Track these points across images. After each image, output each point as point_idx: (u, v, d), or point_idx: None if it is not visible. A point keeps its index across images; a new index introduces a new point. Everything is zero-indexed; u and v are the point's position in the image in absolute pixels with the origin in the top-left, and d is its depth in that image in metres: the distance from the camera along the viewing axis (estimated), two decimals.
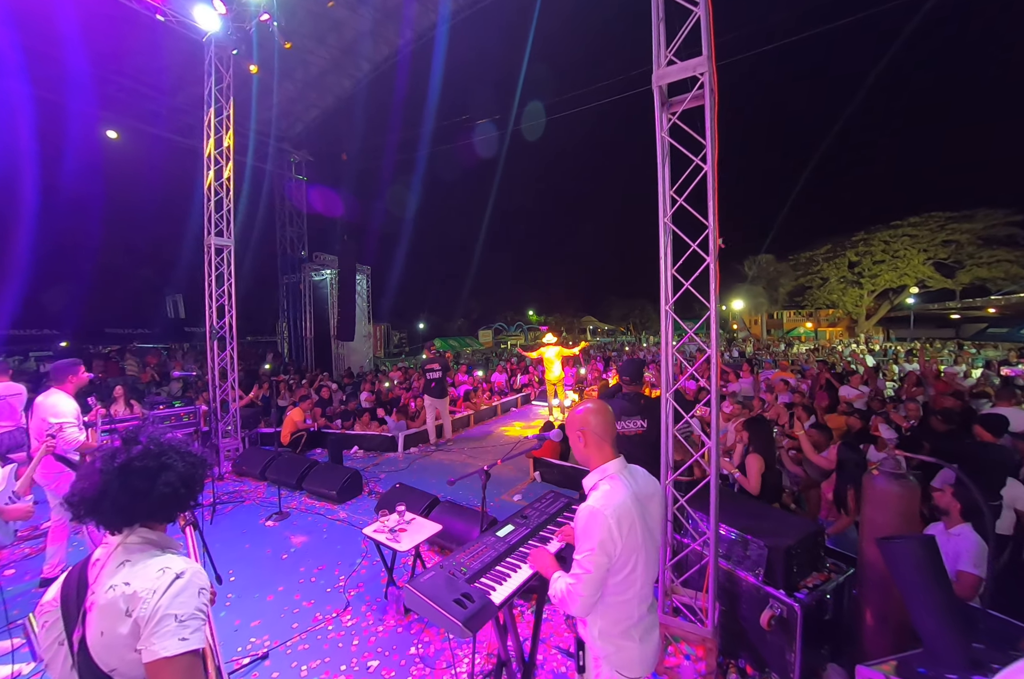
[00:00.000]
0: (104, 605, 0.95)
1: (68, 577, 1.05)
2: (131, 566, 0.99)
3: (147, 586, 0.94)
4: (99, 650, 0.94)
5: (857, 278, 29.09)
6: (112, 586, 0.96)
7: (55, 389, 3.34)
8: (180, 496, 1.09)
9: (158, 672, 0.89)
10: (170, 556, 1.03)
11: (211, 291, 5.96)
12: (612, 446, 1.45)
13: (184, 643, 0.91)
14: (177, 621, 0.92)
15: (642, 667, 1.40)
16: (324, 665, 2.50)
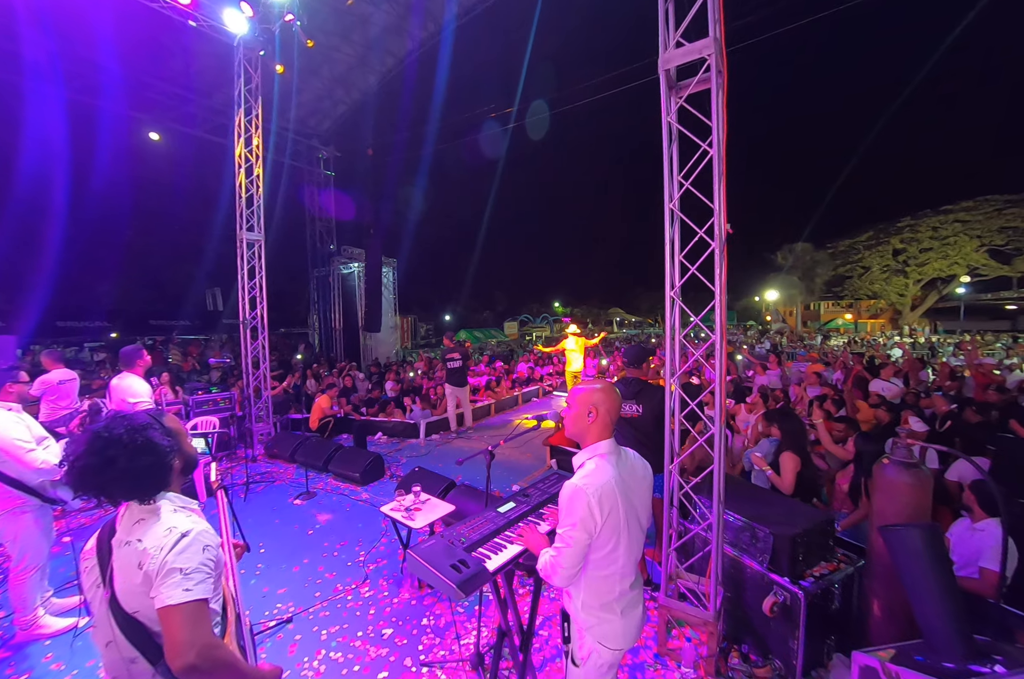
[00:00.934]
0: (121, 557, 1.09)
1: (103, 529, 1.19)
2: (145, 524, 1.11)
3: (155, 544, 1.06)
4: (123, 594, 1.07)
5: (902, 266, 27.48)
6: (127, 541, 1.09)
7: (127, 373, 3.66)
8: (146, 468, 1.11)
9: (167, 618, 1.01)
10: (180, 516, 1.15)
11: (243, 283, 6.26)
12: (611, 427, 1.49)
13: (188, 593, 1.02)
14: (182, 574, 1.03)
15: (624, 639, 1.45)
16: (342, 630, 2.67)
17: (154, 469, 1.14)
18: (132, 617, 1.06)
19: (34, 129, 12.87)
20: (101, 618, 1.12)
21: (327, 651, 2.51)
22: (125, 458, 1.08)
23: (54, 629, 2.70)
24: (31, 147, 13.84)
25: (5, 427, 2.40)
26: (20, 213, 15.38)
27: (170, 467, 1.18)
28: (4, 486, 2.43)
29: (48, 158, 14.44)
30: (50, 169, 15.01)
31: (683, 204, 2.44)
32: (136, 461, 1.09)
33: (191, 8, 5.52)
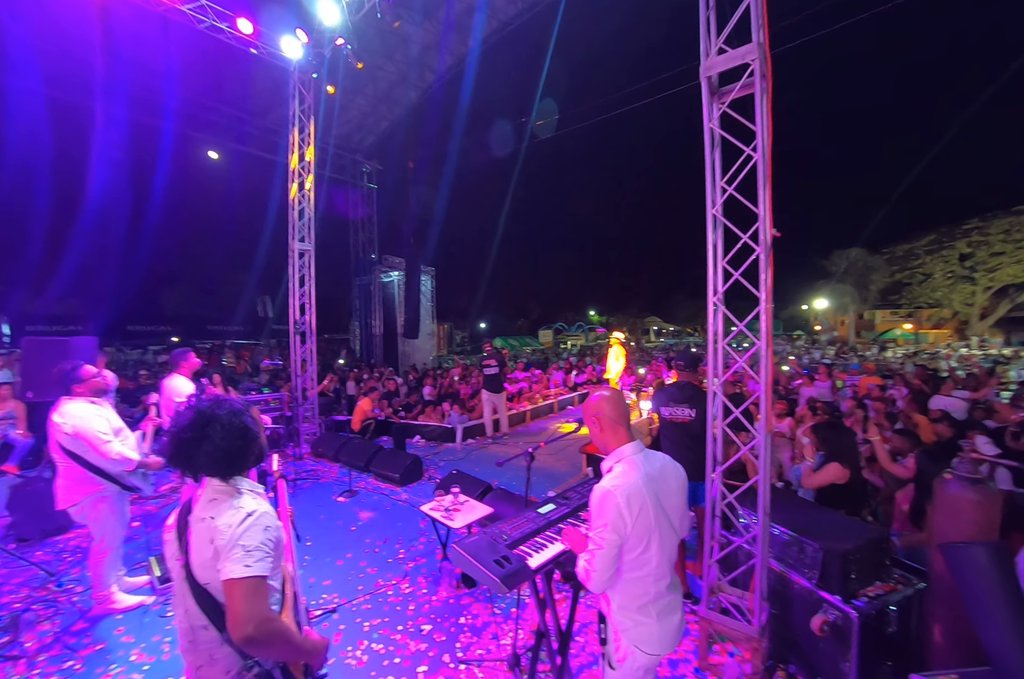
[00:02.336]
0: (197, 533, 1.20)
1: (183, 506, 1.32)
2: (218, 503, 1.22)
3: (225, 521, 1.17)
4: (197, 567, 1.18)
5: (969, 272, 25.46)
6: (203, 518, 1.20)
7: (175, 374, 3.97)
8: (231, 451, 1.23)
9: (230, 590, 1.11)
10: (247, 498, 1.26)
11: (294, 291, 6.63)
12: (627, 430, 1.52)
13: (248, 569, 1.11)
14: (244, 551, 1.13)
15: (660, 645, 1.45)
16: (383, 624, 2.77)
17: (241, 451, 1.26)
18: (204, 588, 1.17)
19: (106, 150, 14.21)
20: (179, 587, 1.24)
21: (369, 642, 2.61)
22: (220, 436, 1.21)
23: (126, 605, 2.94)
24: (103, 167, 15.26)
25: (88, 420, 2.67)
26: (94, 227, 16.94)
27: (253, 452, 1.30)
28: (88, 473, 2.69)
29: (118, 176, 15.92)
30: (120, 186, 16.53)
31: (725, 209, 2.43)
32: (228, 441, 1.22)
33: (253, 37, 6.01)
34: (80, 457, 2.64)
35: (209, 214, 22.23)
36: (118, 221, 17.59)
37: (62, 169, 15.58)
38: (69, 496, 2.69)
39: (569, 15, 13.60)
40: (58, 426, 2.62)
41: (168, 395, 3.82)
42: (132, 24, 6.79)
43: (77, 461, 2.64)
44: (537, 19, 10.11)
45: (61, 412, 2.66)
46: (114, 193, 16.44)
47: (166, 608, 2.97)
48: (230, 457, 1.24)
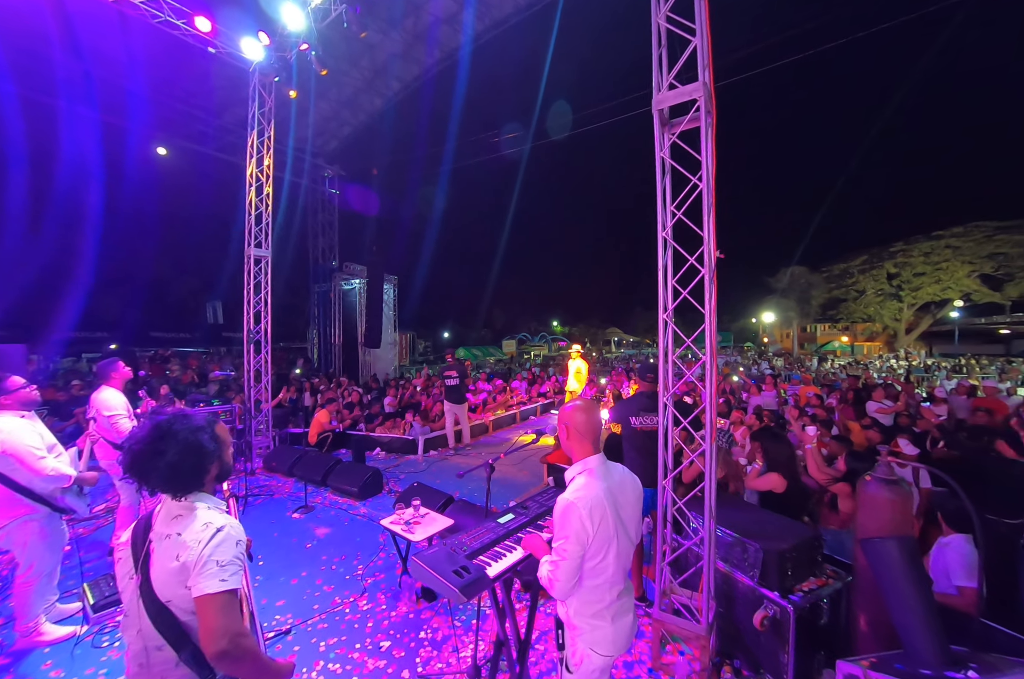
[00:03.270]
0: (160, 549, 1.17)
1: (138, 523, 1.28)
2: (182, 520, 1.20)
3: (194, 537, 1.15)
4: (158, 584, 1.15)
5: (896, 290, 27.97)
6: (167, 535, 1.18)
7: (104, 386, 3.70)
8: (182, 468, 1.20)
9: (204, 606, 1.10)
10: (214, 513, 1.24)
11: (249, 298, 6.40)
12: (593, 443, 1.58)
13: (224, 583, 1.11)
14: (218, 566, 1.12)
15: (614, 646, 1.52)
16: (341, 643, 2.70)
17: (194, 469, 1.23)
18: (164, 606, 1.14)
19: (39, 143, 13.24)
20: (132, 607, 1.20)
21: (325, 662, 2.53)
22: (174, 452, 1.19)
23: (54, 636, 2.72)
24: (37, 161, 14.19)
25: (18, 434, 2.48)
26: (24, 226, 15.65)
27: (207, 470, 1.27)
28: (14, 494, 2.49)
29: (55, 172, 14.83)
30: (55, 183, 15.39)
31: (675, 231, 2.61)
32: (181, 457, 1.20)
33: (211, 36, 5.85)
34: (5, 477, 2.44)
35: (157, 214, 21.02)
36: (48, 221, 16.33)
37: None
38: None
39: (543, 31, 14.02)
40: None
41: (98, 409, 3.55)
42: (82, 13, 6.44)
43: (1, 481, 2.44)
44: (508, 34, 10.35)
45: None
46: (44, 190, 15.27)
47: (100, 638, 2.77)
48: (183, 474, 1.22)
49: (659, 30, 2.63)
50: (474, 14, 10.02)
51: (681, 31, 2.53)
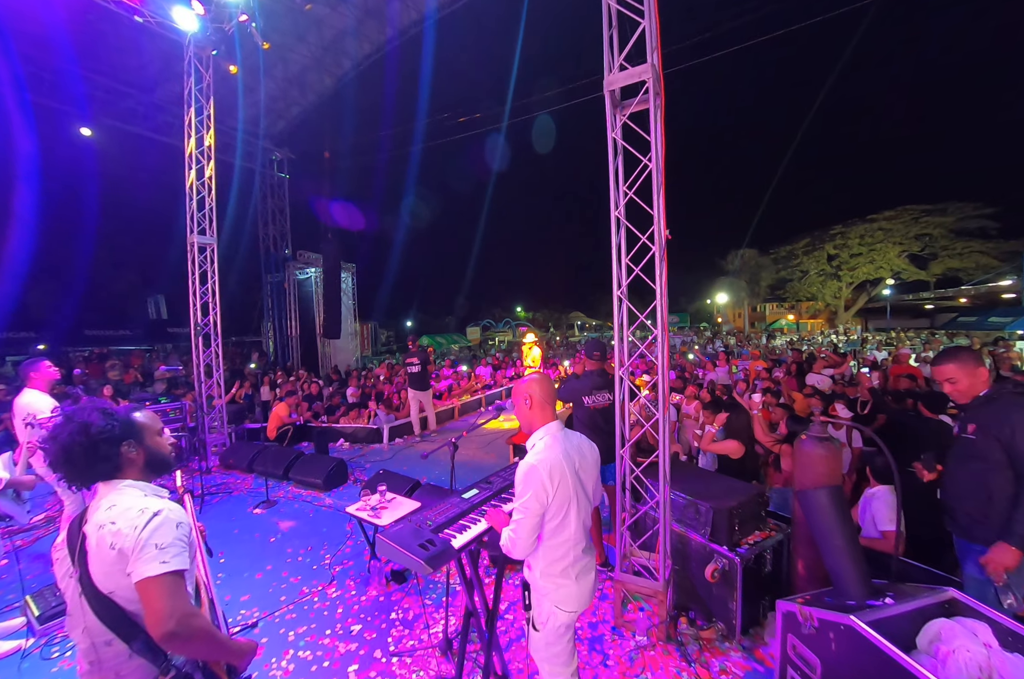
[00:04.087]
0: (96, 541, 1.12)
1: (72, 522, 1.22)
2: (116, 509, 1.15)
3: (129, 523, 1.11)
4: (98, 576, 1.11)
5: (835, 271, 29.88)
6: (101, 525, 1.13)
7: (27, 388, 3.42)
8: (100, 449, 1.18)
9: (146, 589, 1.07)
10: (151, 499, 1.20)
11: (195, 289, 6.04)
12: (551, 411, 1.68)
13: (165, 565, 1.08)
14: (158, 548, 1.09)
15: (578, 602, 1.62)
16: (310, 630, 2.69)
17: (93, 452, 1.17)
18: (107, 598, 1.11)
19: None
20: (74, 605, 1.15)
21: (295, 651, 2.53)
22: (64, 434, 1.17)
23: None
24: None
25: None
26: None
27: (116, 454, 1.21)
28: None
29: None
30: None
31: (628, 211, 2.67)
32: (71, 438, 1.16)
33: (137, 3, 5.33)
34: None
35: (87, 201, 19.22)
36: None
37: None
38: None
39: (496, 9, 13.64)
40: None
41: (20, 415, 3.21)
42: None
43: None
44: (463, 12, 10.03)
45: None
46: None
47: (49, 650, 2.64)
48: (80, 458, 1.17)
49: (609, 11, 2.64)
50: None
51: (631, 13, 2.55)
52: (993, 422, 1.90)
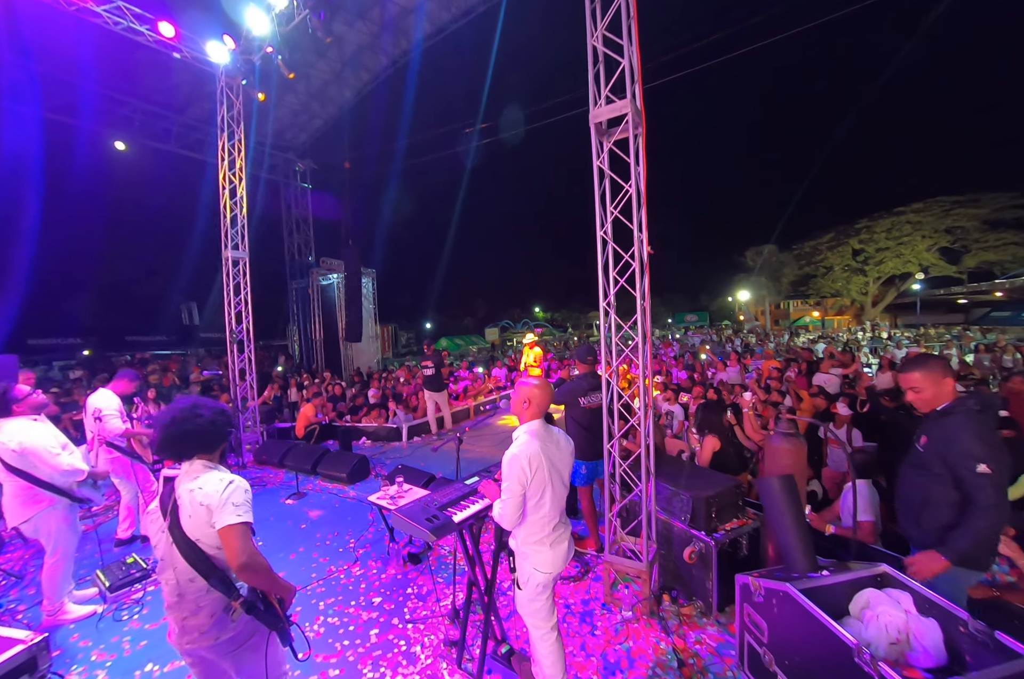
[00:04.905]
0: (188, 500, 1.52)
1: (163, 491, 1.62)
2: (201, 478, 1.56)
3: (214, 488, 1.52)
4: (188, 527, 1.51)
5: (861, 266, 29.11)
6: (191, 489, 1.53)
7: (102, 388, 3.98)
8: (211, 433, 1.61)
9: (226, 534, 1.46)
10: (225, 473, 1.61)
11: (229, 299, 6.59)
12: (541, 413, 2.01)
13: (239, 517, 1.49)
14: (234, 505, 1.50)
15: (553, 565, 1.94)
16: (337, 601, 3.09)
17: (220, 432, 1.64)
18: (194, 543, 1.50)
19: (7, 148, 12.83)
20: (165, 552, 1.55)
21: (325, 617, 2.93)
22: (208, 414, 1.60)
23: (77, 615, 3.03)
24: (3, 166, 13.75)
25: (35, 436, 2.76)
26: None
27: (226, 438, 1.68)
28: (37, 488, 2.78)
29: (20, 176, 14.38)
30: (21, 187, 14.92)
31: (617, 226, 2.96)
32: (214, 416, 1.61)
33: (175, 41, 5.88)
34: (27, 473, 2.72)
35: (125, 216, 20.47)
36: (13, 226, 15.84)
37: None
38: (19, 513, 2.76)
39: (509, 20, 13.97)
40: (1, 444, 2.68)
41: (94, 409, 3.79)
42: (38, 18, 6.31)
43: (24, 478, 2.72)
44: (474, 24, 10.39)
45: (4, 430, 2.71)
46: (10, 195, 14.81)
47: (120, 613, 3.09)
48: (213, 434, 1.61)
49: (594, 51, 2.94)
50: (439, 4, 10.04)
51: (613, 53, 2.85)
52: (941, 439, 1.89)
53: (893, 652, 1.73)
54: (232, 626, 1.53)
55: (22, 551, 4.00)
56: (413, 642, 2.66)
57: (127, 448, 3.93)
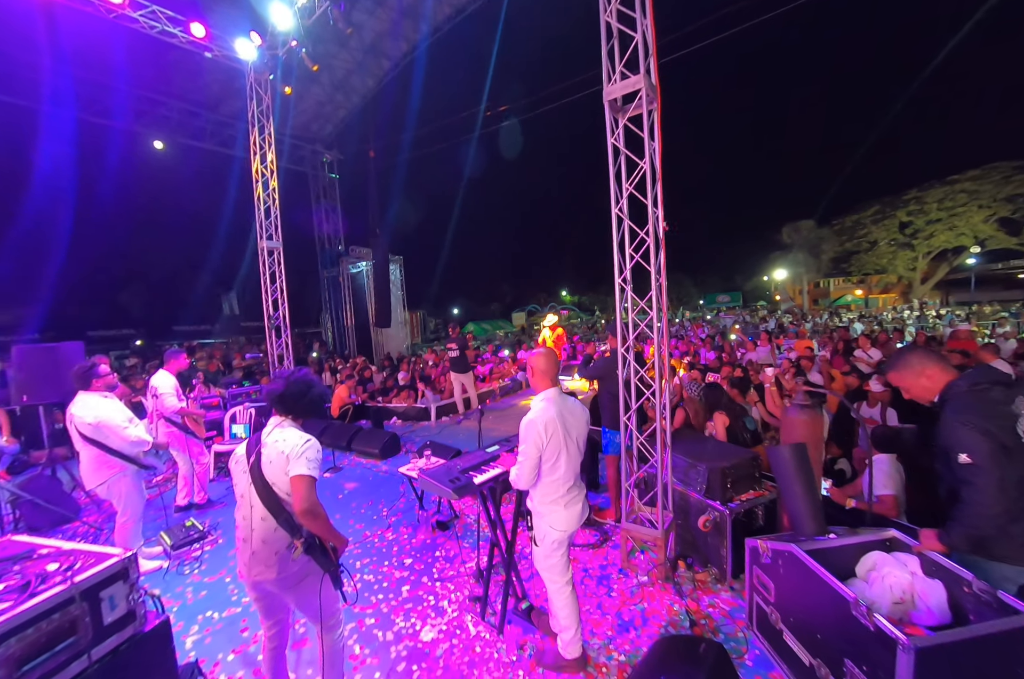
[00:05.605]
0: (271, 447, 1.77)
1: (249, 441, 1.88)
2: (286, 431, 1.81)
3: (295, 442, 1.76)
4: (268, 470, 1.75)
5: (909, 240, 27.30)
6: (276, 440, 1.78)
7: (161, 370, 4.36)
8: (316, 404, 1.94)
9: (297, 482, 1.70)
10: (304, 433, 1.85)
11: (266, 288, 6.94)
12: (552, 379, 2.12)
13: (310, 470, 1.72)
14: (307, 459, 1.73)
15: (567, 524, 2.08)
16: (372, 562, 3.36)
17: (320, 405, 1.95)
18: (270, 486, 1.74)
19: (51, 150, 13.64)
20: (244, 492, 1.81)
21: (361, 575, 3.20)
22: (317, 391, 1.92)
23: (146, 569, 3.41)
24: (48, 167, 14.64)
25: (108, 410, 3.11)
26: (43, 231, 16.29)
27: (317, 412, 1.97)
28: (110, 456, 3.13)
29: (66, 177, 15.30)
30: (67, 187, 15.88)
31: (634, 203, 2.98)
32: (322, 392, 1.93)
33: (206, 41, 6.12)
34: (101, 443, 3.08)
35: (165, 212, 21.51)
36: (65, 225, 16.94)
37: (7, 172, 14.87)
38: (94, 477, 3.13)
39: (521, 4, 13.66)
40: (79, 417, 3.03)
41: (151, 389, 4.22)
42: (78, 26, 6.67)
43: (98, 447, 3.08)
44: (491, 5, 10.24)
45: (81, 405, 3.06)
46: (59, 195, 15.82)
47: (182, 568, 3.47)
48: (313, 407, 1.93)
49: (607, 27, 2.92)
50: None
51: (626, 27, 2.82)
52: (939, 431, 1.79)
53: (897, 611, 1.79)
54: (292, 563, 1.77)
55: (96, 516, 4.49)
56: (441, 597, 2.89)
57: (181, 424, 4.32)
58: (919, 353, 1.92)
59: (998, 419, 1.68)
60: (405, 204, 32.57)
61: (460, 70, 18.97)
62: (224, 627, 2.73)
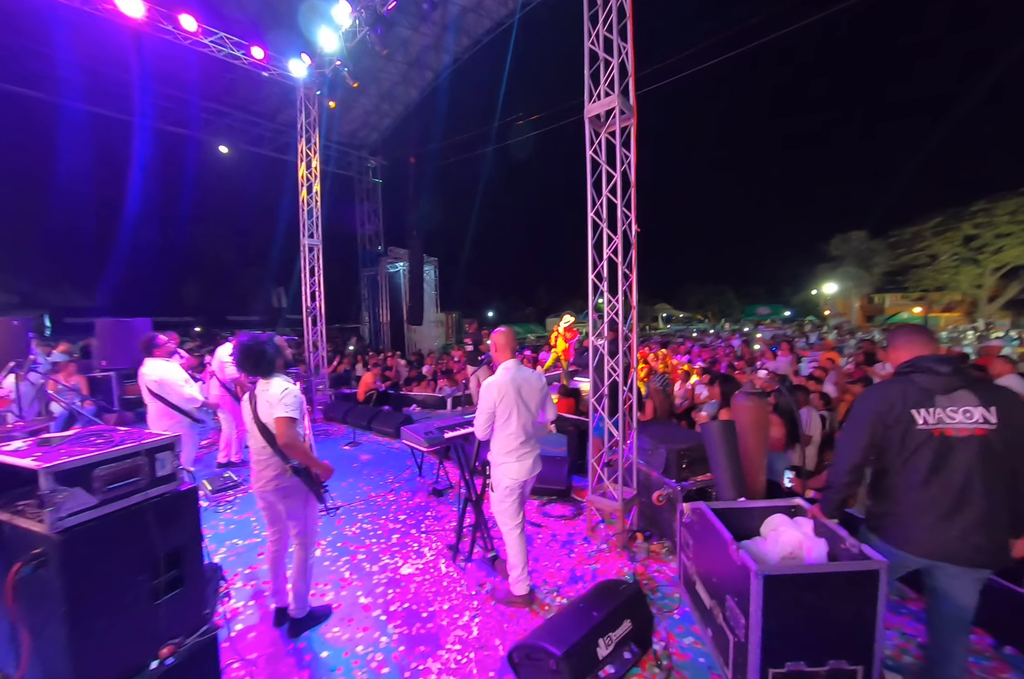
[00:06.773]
0: (262, 396, 2.27)
1: (251, 394, 2.38)
2: (270, 385, 2.29)
3: (275, 391, 2.24)
4: (262, 413, 2.25)
5: (974, 255, 25.43)
6: (264, 390, 2.28)
7: (227, 343, 5.14)
8: (270, 363, 2.30)
9: (278, 423, 2.17)
10: (287, 382, 2.33)
11: (306, 280, 7.72)
12: (511, 351, 2.55)
13: (289, 412, 2.19)
14: (284, 404, 2.20)
15: (518, 473, 2.48)
16: (372, 515, 3.87)
17: (269, 362, 2.33)
18: (264, 425, 2.25)
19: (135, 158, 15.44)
20: (251, 428, 2.32)
21: (361, 524, 3.71)
22: (259, 354, 2.29)
23: None
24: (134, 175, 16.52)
25: (170, 372, 3.82)
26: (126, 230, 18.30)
27: (274, 362, 2.36)
28: (170, 409, 3.82)
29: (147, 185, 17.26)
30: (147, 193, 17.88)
31: None
32: (262, 357, 2.30)
33: (264, 62, 6.99)
34: (164, 398, 3.77)
35: (226, 212, 23.55)
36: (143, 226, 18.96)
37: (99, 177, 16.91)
38: (158, 425, 3.82)
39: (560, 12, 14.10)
40: (147, 376, 3.75)
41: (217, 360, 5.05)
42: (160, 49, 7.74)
43: (162, 401, 3.78)
44: (530, 17, 10.75)
45: (150, 367, 3.78)
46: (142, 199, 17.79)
47: (218, 508, 4.11)
48: (263, 365, 2.31)
49: (589, 53, 3.31)
50: None
51: (606, 54, 3.21)
52: None
53: (786, 564, 2.07)
54: (287, 480, 2.26)
55: None
56: (423, 545, 3.35)
57: (233, 391, 5.04)
58: (904, 331, 1.85)
59: (897, 399, 1.68)
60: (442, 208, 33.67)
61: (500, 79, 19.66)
62: (245, 551, 3.31)
